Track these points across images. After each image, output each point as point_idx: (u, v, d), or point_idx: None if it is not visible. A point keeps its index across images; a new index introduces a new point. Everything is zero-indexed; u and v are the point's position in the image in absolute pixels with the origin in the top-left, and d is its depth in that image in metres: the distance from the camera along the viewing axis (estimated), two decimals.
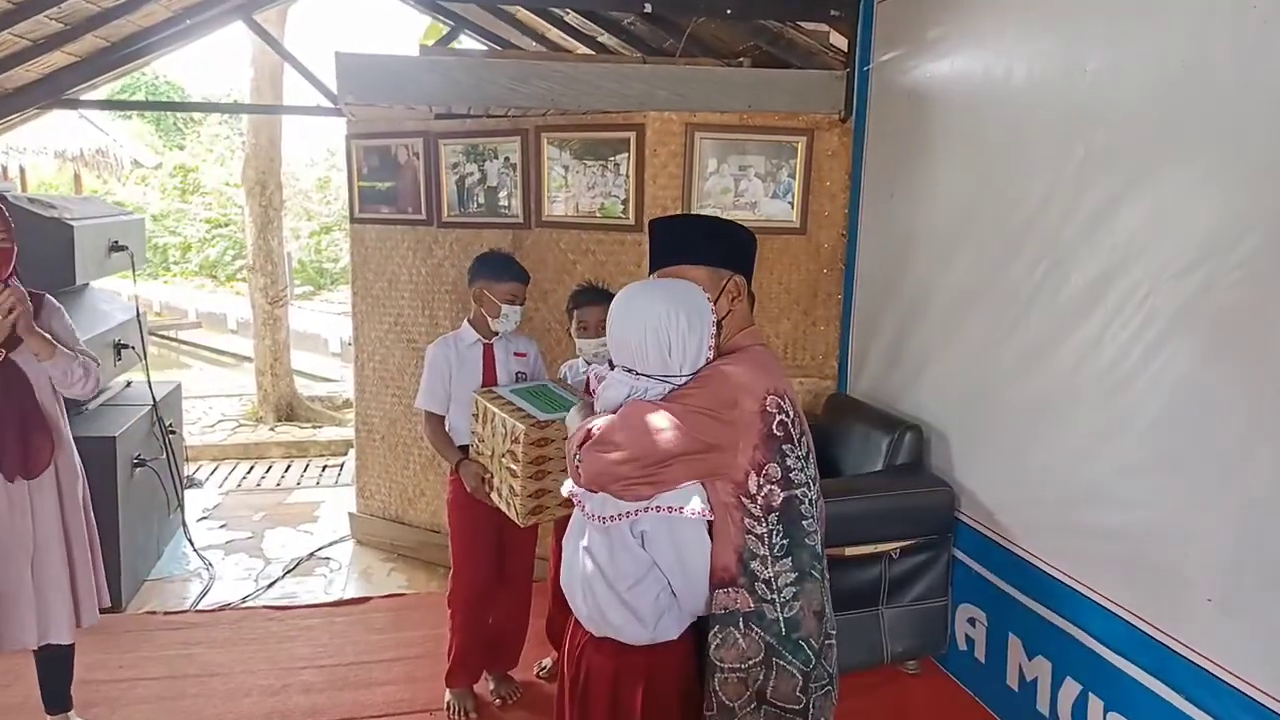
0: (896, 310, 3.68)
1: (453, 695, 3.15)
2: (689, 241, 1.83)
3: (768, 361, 1.78)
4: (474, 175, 4.27)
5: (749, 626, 1.68)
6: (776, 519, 1.69)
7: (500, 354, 3.10)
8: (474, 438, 2.92)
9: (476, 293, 3.04)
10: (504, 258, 3.13)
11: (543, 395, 2.87)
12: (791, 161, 3.93)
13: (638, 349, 1.70)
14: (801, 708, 1.70)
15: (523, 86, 3.77)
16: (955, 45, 3.31)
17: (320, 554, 4.74)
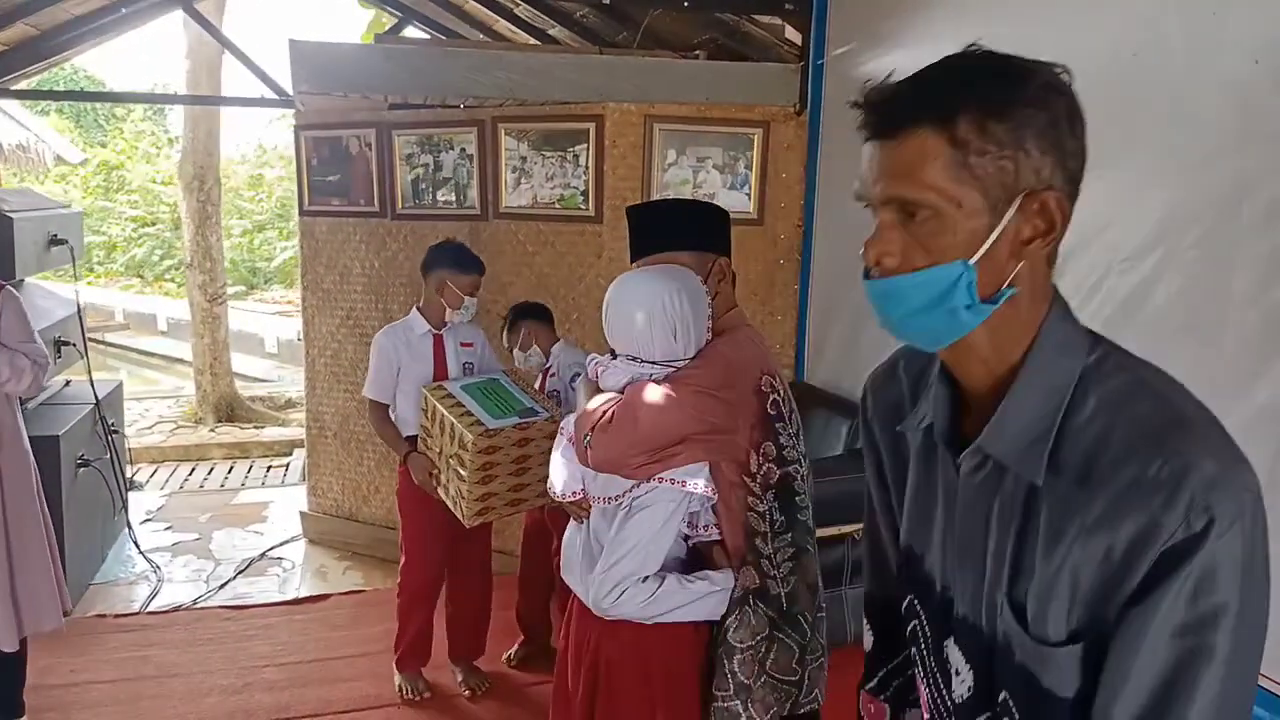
0: (853, 299, 3.75)
1: (403, 678, 3.16)
2: (672, 226, 1.84)
3: (757, 342, 1.81)
4: (429, 166, 4.23)
5: (756, 603, 1.71)
6: (774, 496, 1.72)
7: (449, 344, 3.09)
8: (421, 432, 2.92)
9: (438, 283, 3.01)
10: (464, 248, 3.11)
11: (493, 394, 2.87)
12: (748, 153, 3.98)
13: (642, 336, 1.70)
14: (798, 679, 1.74)
15: (481, 76, 3.75)
16: (909, 38, 3.39)
17: (272, 554, 4.64)
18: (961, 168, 0.82)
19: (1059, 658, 0.86)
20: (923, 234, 0.84)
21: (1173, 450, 0.79)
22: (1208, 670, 0.78)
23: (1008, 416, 0.88)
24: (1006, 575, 0.90)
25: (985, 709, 0.95)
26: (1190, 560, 0.77)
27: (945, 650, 1.00)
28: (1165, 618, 0.79)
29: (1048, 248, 0.86)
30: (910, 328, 0.89)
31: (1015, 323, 0.88)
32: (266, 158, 18.43)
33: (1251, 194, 2.02)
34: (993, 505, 0.91)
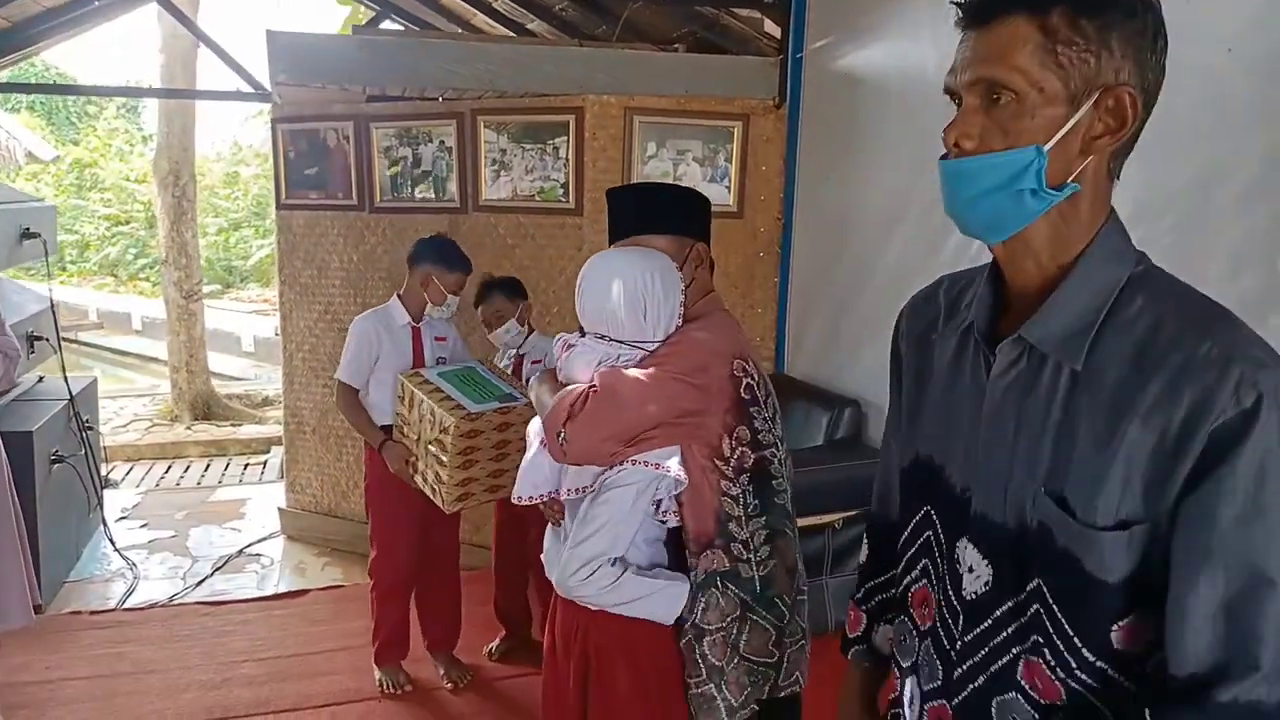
0: (833, 291, 3.77)
1: (382, 673, 3.15)
2: (650, 209, 1.82)
3: (731, 326, 1.80)
4: (408, 159, 4.21)
5: (725, 585, 1.70)
6: (748, 480, 1.72)
7: (426, 337, 3.08)
8: (397, 419, 2.90)
9: (424, 278, 2.99)
10: (454, 245, 3.09)
11: (471, 380, 2.86)
12: (728, 146, 3.99)
13: (612, 313, 1.68)
14: (775, 661, 1.74)
15: (461, 68, 3.74)
16: (888, 31, 3.41)
17: (250, 550, 4.60)
18: (1048, 54, 0.87)
19: (1106, 542, 0.89)
20: (1003, 117, 0.90)
21: (1221, 335, 0.85)
22: (1270, 572, 0.82)
23: (1054, 308, 0.93)
24: (1044, 469, 0.93)
25: (1006, 600, 0.98)
26: (1245, 442, 0.81)
27: (957, 551, 1.04)
28: (1229, 504, 0.82)
29: (1115, 144, 0.91)
30: (977, 209, 0.93)
31: (1075, 223, 0.93)
32: (242, 155, 18.26)
33: (1224, 181, 2.05)
34: (1025, 402, 0.95)
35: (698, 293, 1.82)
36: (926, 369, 1.12)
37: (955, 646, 1.05)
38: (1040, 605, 0.95)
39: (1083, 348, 0.91)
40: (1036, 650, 0.96)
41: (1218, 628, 0.84)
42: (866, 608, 1.32)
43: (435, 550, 3.13)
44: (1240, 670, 0.84)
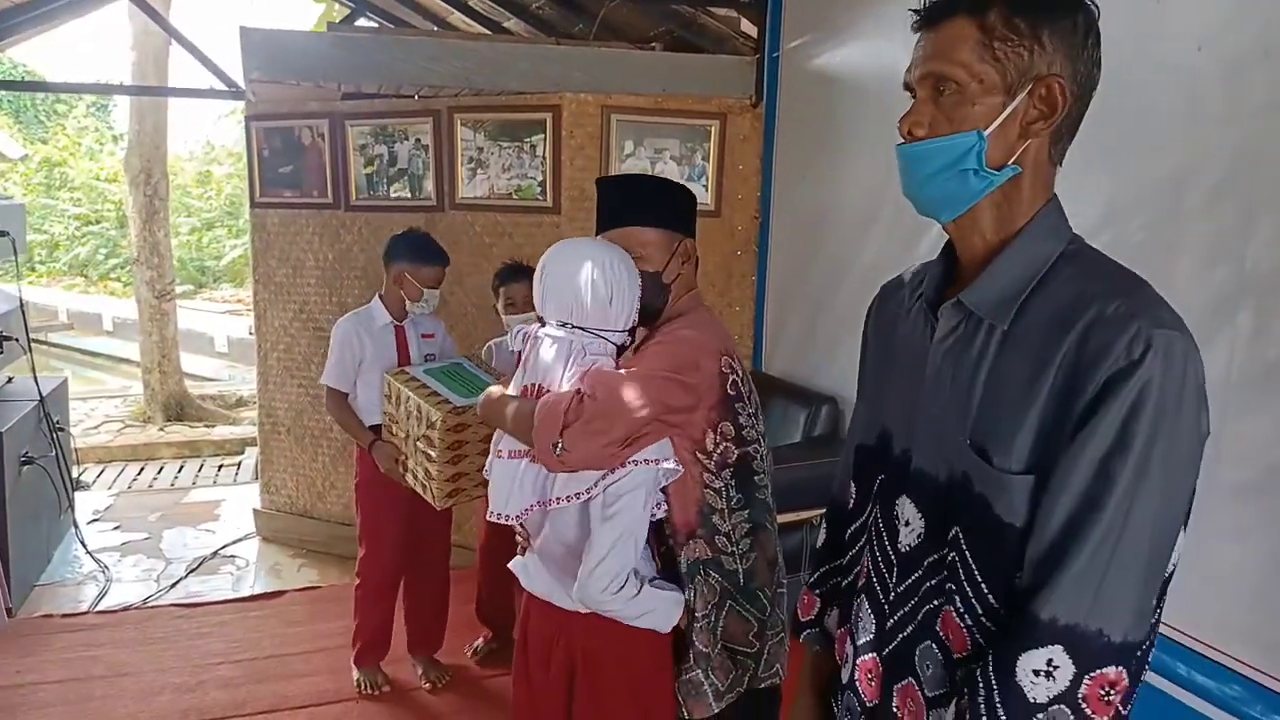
0: (810, 290, 3.79)
1: (361, 674, 3.13)
2: (641, 201, 1.80)
3: (716, 323, 1.81)
4: (383, 157, 4.19)
5: (708, 573, 1.72)
6: (731, 474, 1.73)
7: (411, 335, 3.06)
8: (386, 418, 2.88)
9: (397, 275, 2.97)
10: (426, 240, 3.05)
11: (457, 376, 2.85)
12: (705, 145, 3.99)
13: (577, 298, 1.64)
14: (755, 652, 1.75)
15: (437, 65, 3.72)
16: (863, 30, 3.43)
17: (225, 552, 4.56)
18: (986, 49, 0.98)
19: (1015, 485, 0.97)
20: (948, 106, 1.00)
21: (1130, 296, 0.94)
22: (1114, 496, 0.91)
23: (991, 277, 1.02)
24: (970, 421, 1.02)
25: (933, 551, 1.07)
26: (1126, 384, 0.89)
27: (896, 507, 1.13)
28: (1096, 444, 0.91)
29: (1048, 129, 1.00)
30: (928, 189, 1.03)
31: (1017, 203, 1.02)
32: (215, 154, 18.07)
33: (1194, 179, 2.08)
34: (961, 362, 1.04)
35: (682, 289, 1.81)
36: (891, 348, 1.20)
37: (889, 598, 1.13)
38: (956, 552, 1.03)
39: (1011, 311, 1.00)
40: (949, 598, 1.04)
41: (1047, 548, 0.94)
42: (820, 591, 1.37)
43: (424, 551, 3.11)
44: (1047, 589, 0.93)
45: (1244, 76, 1.95)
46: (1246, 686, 1.94)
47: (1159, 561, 0.94)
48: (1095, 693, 0.92)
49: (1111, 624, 0.91)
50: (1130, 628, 0.92)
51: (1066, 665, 0.92)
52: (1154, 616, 0.97)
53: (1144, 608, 0.94)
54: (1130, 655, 0.93)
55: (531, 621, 1.81)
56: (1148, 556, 0.92)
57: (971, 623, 1.02)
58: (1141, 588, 0.93)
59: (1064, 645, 0.92)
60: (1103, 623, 0.91)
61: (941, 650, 1.06)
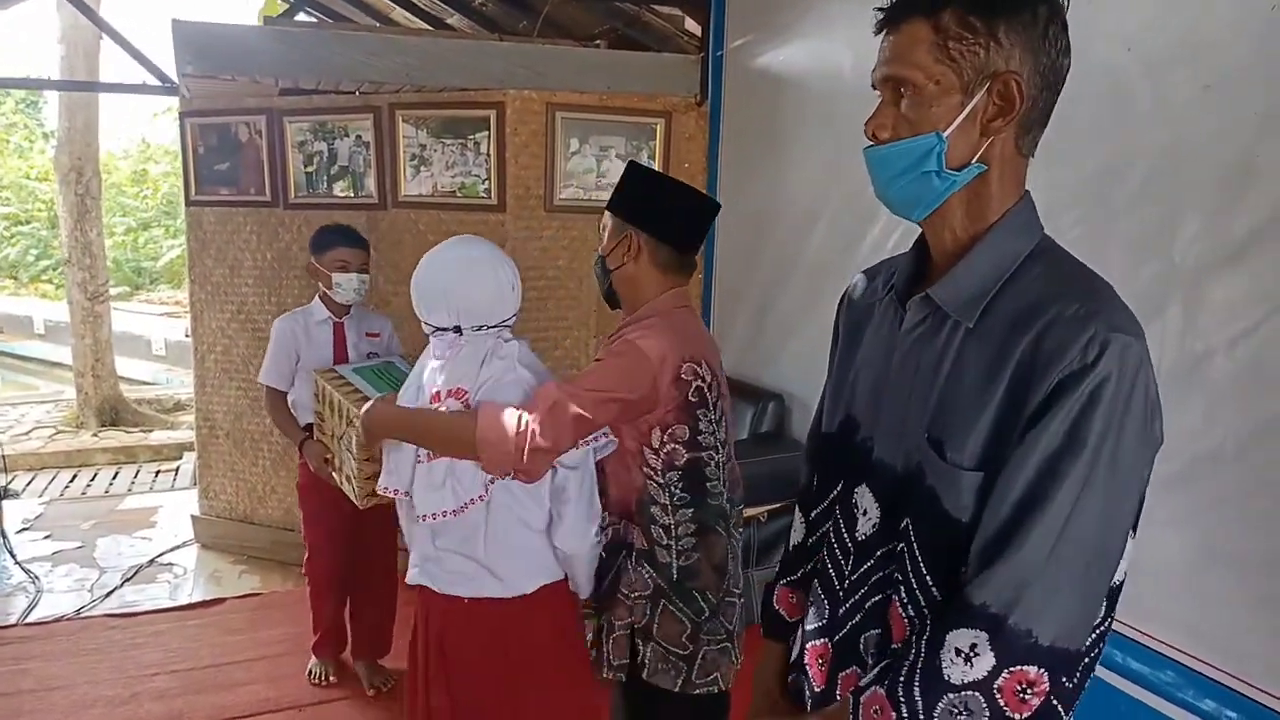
0: (757, 287, 3.80)
1: (317, 661, 3.15)
2: (619, 189, 1.82)
3: (686, 326, 1.76)
4: (323, 154, 4.11)
5: (639, 563, 1.72)
6: (678, 477, 1.72)
7: (351, 333, 2.99)
8: (316, 417, 2.83)
9: (310, 267, 2.97)
10: (332, 226, 3.04)
11: (386, 375, 2.80)
12: (651, 143, 3.99)
13: (500, 297, 1.69)
14: (688, 654, 1.74)
15: (378, 61, 3.66)
16: (805, 29, 3.46)
17: (162, 560, 4.43)
18: (941, 50, 0.98)
19: (964, 481, 0.98)
20: (908, 108, 1.00)
21: (1090, 300, 0.94)
22: (1059, 495, 0.91)
23: (960, 273, 1.03)
24: (929, 414, 1.03)
25: (887, 542, 1.08)
26: (1079, 386, 0.89)
27: (854, 496, 1.13)
28: (1045, 443, 0.90)
29: (1009, 126, 0.99)
30: (894, 190, 1.04)
31: (987, 200, 1.02)
32: (151, 153, 17.62)
33: (1123, 176, 2.13)
34: (925, 355, 1.05)
35: (644, 287, 1.78)
36: (859, 338, 1.19)
37: (843, 585, 1.13)
38: (904, 543, 1.04)
39: (978, 309, 1.00)
40: (895, 587, 1.04)
41: (990, 539, 0.95)
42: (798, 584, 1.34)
43: (370, 554, 3.07)
44: (983, 575, 0.94)
45: (1170, 76, 2.00)
46: (1179, 671, 1.99)
47: (1101, 567, 0.94)
48: (1012, 687, 0.92)
49: (1042, 626, 0.91)
50: (1061, 634, 0.92)
51: (987, 654, 0.92)
52: (1097, 628, 0.98)
53: (1081, 615, 0.94)
54: (1060, 661, 0.92)
55: (452, 627, 1.77)
56: (1089, 560, 0.92)
57: (914, 613, 1.02)
58: (1079, 593, 0.93)
59: (989, 634, 0.92)
60: (1032, 623, 0.91)
61: (885, 638, 1.06)
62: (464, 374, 1.68)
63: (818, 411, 1.31)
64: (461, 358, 1.69)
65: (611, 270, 1.79)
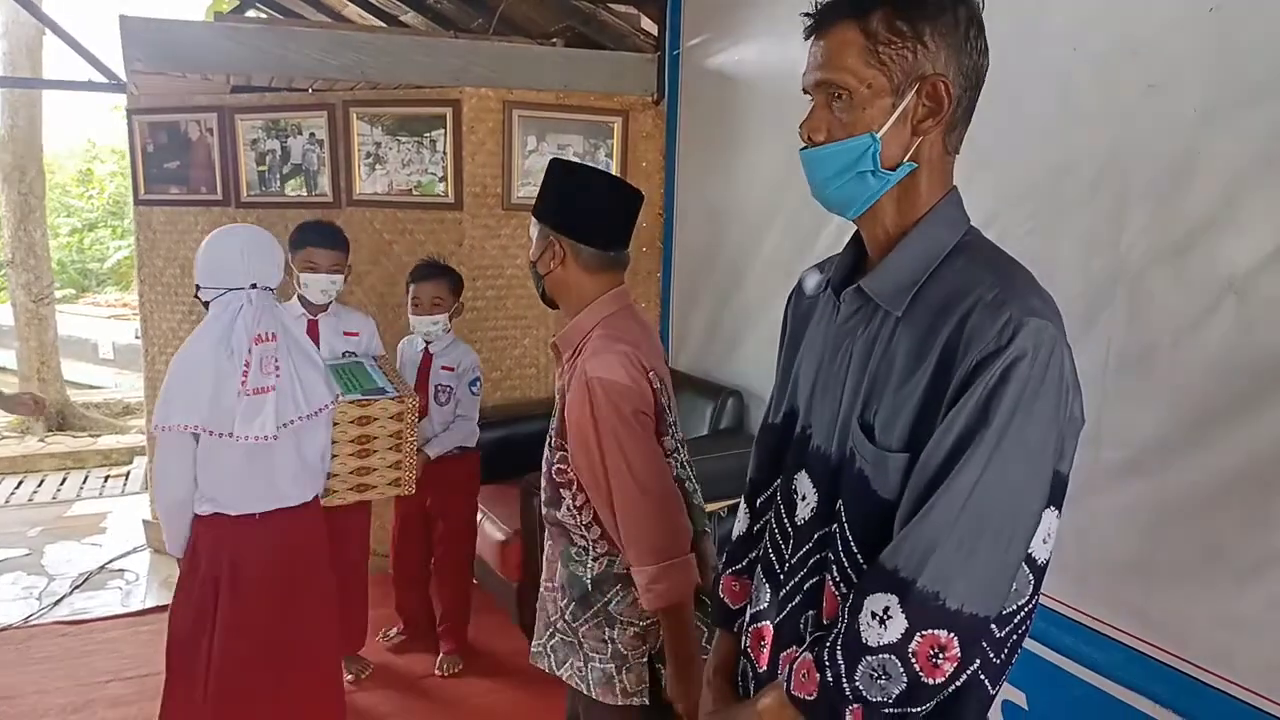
0: (714, 285, 3.83)
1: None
2: (540, 192, 1.75)
3: (630, 333, 1.71)
4: (276, 152, 4.06)
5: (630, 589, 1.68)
6: None
7: (326, 331, 2.96)
8: None
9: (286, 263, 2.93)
10: (311, 224, 3.02)
11: (349, 374, 2.79)
12: (608, 141, 4.00)
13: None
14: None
15: (331, 58, 3.62)
16: (760, 29, 3.49)
17: (112, 566, 4.34)
18: (871, 54, 1.01)
19: (891, 462, 1.02)
20: (841, 111, 1.04)
21: (1009, 285, 0.99)
22: (968, 464, 0.95)
23: (889, 266, 1.07)
24: (861, 401, 1.07)
25: (823, 526, 1.12)
26: (991, 365, 0.93)
27: (794, 482, 1.18)
28: (961, 420, 0.95)
29: (939, 126, 1.04)
30: (830, 190, 1.08)
31: (915, 196, 1.07)
32: (97, 152, 17.21)
33: (1072, 173, 2.18)
34: (858, 345, 1.09)
35: (563, 291, 1.73)
36: (804, 330, 1.23)
37: (784, 569, 1.17)
38: (838, 524, 1.07)
39: (906, 299, 1.04)
40: (828, 567, 1.08)
41: (907, 509, 0.99)
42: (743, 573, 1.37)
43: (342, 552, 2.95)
44: (897, 542, 0.98)
45: (1114, 75, 2.05)
46: (1127, 654, 2.04)
47: (1009, 536, 0.97)
48: (925, 651, 0.96)
49: (948, 589, 0.95)
50: (969, 599, 0.95)
51: (899, 617, 0.96)
52: (1018, 596, 1.01)
53: (987, 581, 0.97)
54: (969, 626, 0.96)
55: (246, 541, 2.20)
56: (995, 528, 0.96)
57: (845, 590, 1.06)
58: (985, 559, 0.96)
59: (899, 597, 0.96)
60: (940, 586, 0.95)
61: (820, 616, 1.10)
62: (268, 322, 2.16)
63: (767, 406, 1.35)
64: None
65: (543, 276, 1.74)
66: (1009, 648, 1.03)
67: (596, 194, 1.76)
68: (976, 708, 1.04)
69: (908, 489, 1.00)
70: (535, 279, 1.79)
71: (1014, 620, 1.03)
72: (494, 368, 3.99)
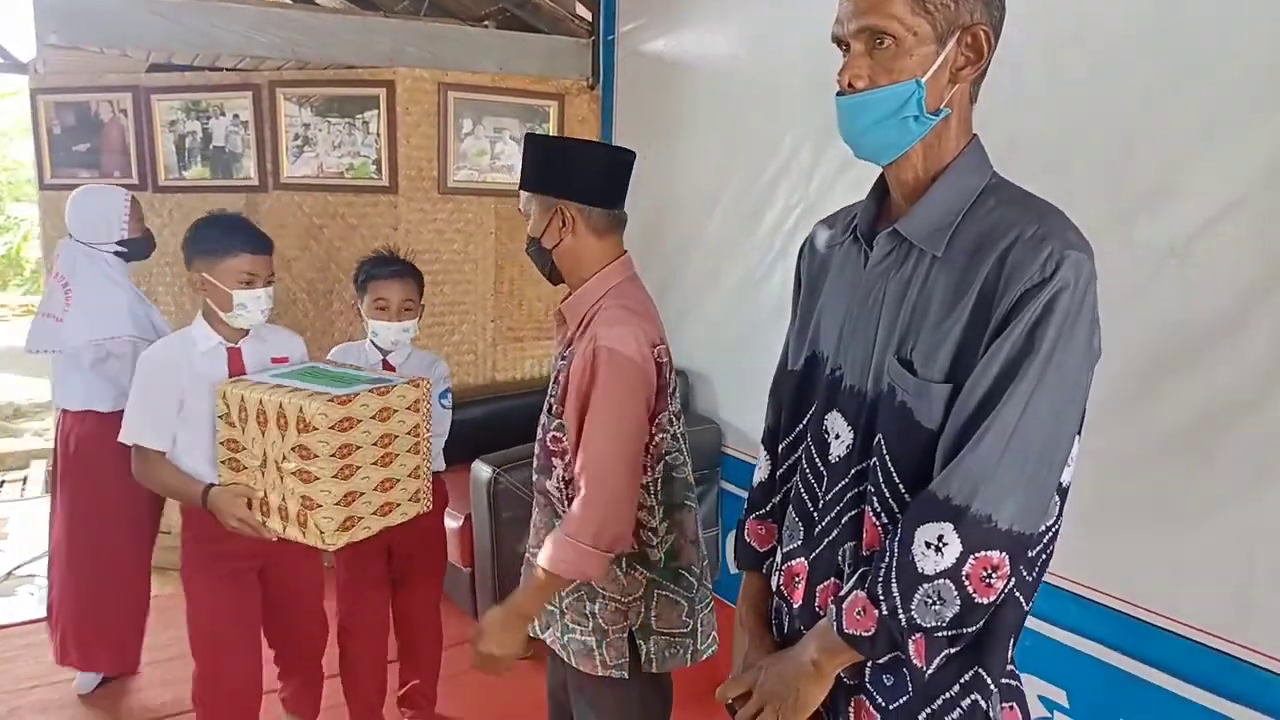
0: (657, 268, 3.85)
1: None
2: (527, 165, 1.74)
3: (640, 303, 1.72)
4: (197, 134, 3.90)
5: (631, 566, 1.69)
6: (660, 465, 1.70)
7: (252, 359, 2.25)
8: (224, 449, 2.12)
9: (197, 279, 2.16)
10: (226, 221, 2.23)
11: (322, 375, 2.20)
12: (544, 125, 3.98)
13: None
14: (690, 629, 1.75)
15: (260, 35, 3.51)
16: (694, 16, 3.54)
17: (20, 572, 4.10)
18: (918, 3, 1.05)
19: (934, 392, 1.07)
20: (886, 58, 1.07)
21: (1046, 221, 1.04)
22: (1016, 392, 1.00)
23: (924, 208, 1.12)
24: (898, 338, 1.11)
25: (860, 461, 1.16)
26: (1037, 298, 0.99)
27: (826, 422, 1.21)
28: (1008, 349, 1.00)
29: (976, 74, 1.10)
30: (870, 136, 1.11)
31: (945, 141, 1.12)
32: None
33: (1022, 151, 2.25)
34: (892, 285, 1.14)
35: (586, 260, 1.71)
36: (824, 278, 1.27)
37: (818, 506, 1.21)
38: (877, 457, 1.11)
39: (944, 238, 1.09)
40: (867, 499, 1.12)
41: (955, 437, 1.04)
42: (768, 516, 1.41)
43: (293, 634, 2.51)
44: (947, 472, 1.03)
45: (1062, 58, 2.17)
46: (1079, 603, 2.16)
47: (1051, 459, 1.04)
48: (978, 572, 1.01)
49: (1000, 511, 1.01)
50: (1017, 518, 1.01)
51: (955, 543, 1.01)
52: (1048, 517, 1.08)
53: (1033, 502, 1.03)
54: (1016, 544, 1.02)
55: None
56: (1039, 452, 1.02)
57: (886, 520, 1.10)
58: (1031, 481, 1.02)
59: (954, 524, 1.01)
60: (992, 509, 1.01)
61: (860, 547, 1.14)
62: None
63: (783, 355, 1.38)
64: None
65: (550, 249, 1.71)
66: (1039, 566, 1.10)
67: (592, 154, 1.78)
68: (1015, 622, 1.11)
69: (952, 416, 1.04)
70: (538, 256, 1.74)
71: (1044, 540, 1.09)
72: None
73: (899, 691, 1.11)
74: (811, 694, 1.13)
